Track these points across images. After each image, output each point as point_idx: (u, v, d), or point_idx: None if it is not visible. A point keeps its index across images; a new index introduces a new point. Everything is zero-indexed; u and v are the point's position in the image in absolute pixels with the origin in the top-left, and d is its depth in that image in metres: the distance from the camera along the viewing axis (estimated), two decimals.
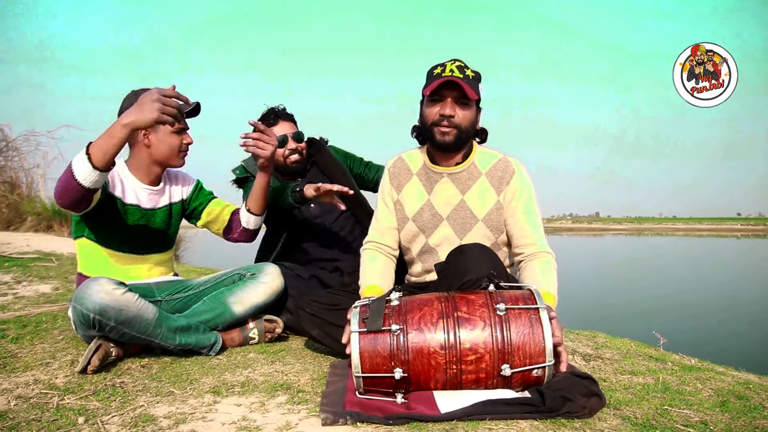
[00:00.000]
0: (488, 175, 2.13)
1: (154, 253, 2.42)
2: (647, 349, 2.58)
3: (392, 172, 2.26)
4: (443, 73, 2.03)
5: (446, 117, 2.04)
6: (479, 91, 2.09)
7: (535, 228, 2.10)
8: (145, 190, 2.35)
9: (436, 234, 2.15)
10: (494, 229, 2.11)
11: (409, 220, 2.19)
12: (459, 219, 2.12)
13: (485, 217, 2.10)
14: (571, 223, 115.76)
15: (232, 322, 2.34)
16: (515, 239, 2.11)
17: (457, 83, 1.99)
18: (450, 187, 2.15)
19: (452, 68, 2.04)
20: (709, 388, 1.92)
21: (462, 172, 2.15)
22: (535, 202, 2.13)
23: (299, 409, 1.62)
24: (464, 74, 2.03)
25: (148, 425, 1.49)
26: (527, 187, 2.13)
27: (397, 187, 2.24)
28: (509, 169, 2.13)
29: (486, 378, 1.62)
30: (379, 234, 2.26)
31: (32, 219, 8.81)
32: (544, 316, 1.62)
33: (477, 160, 2.16)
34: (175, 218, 2.49)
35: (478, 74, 2.10)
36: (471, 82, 2.04)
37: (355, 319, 1.67)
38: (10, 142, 10.00)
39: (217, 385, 1.83)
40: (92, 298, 1.90)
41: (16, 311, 2.91)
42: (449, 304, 1.67)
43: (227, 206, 2.58)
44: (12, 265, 4.60)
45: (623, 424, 1.54)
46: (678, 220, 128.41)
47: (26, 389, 1.77)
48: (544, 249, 2.07)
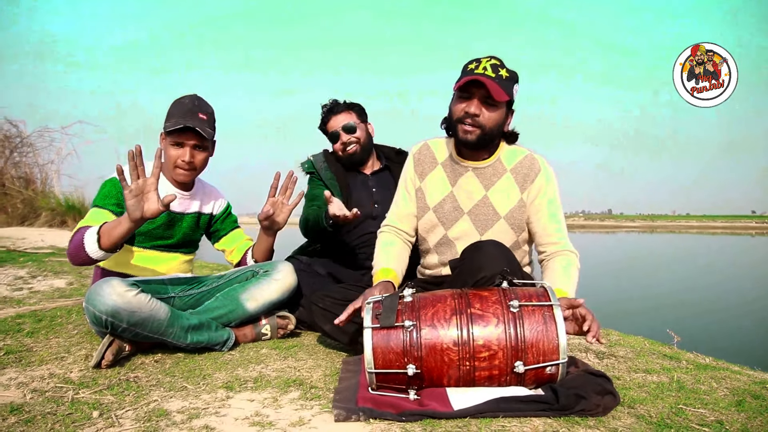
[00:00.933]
0: (513, 172, 2.10)
1: (177, 253, 2.46)
2: (661, 347, 2.57)
3: (417, 159, 2.23)
4: (476, 70, 1.98)
5: (470, 115, 2.00)
6: (512, 92, 2.03)
7: (559, 227, 2.08)
8: (176, 193, 2.36)
9: (456, 227, 2.13)
10: (515, 227, 2.09)
11: (430, 210, 2.16)
12: (481, 215, 2.10)
13: (507, 214, 2.08)
14: (583, 220, 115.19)
15: (245, 319, 2.35)
16: (538, 237, 2.09)
17: (485, 83, 1.94)
18: (474, 181, 2.12)
19: (486, 66, 1.98)
20: (724, 387, 1.90)
21: (487, 168, 2.12)
22: (559, 201, 2.11)
23: (312, 404, 1.63)
24: (497, 74, 1.97)
25: (162, 420, 1.50)
26: (552, 186, 2.10)
27: (420, 174, 2.21)
28: (535, 167, 2.10)
29: (499, 375, 1.61)
30: (398, 219, 2.24)
31: (46, 214, 8.89)
32: (557, 313, 1.61)
33: (503, 156, 2.13)
34: (202, 227, 2.54)
35: (513, 75, 2.03)
36: (503, 82, 1.98)
37: (368, 315, 1.67)
38: (25, 138, 10.10)
39: (230, 381, 1.84)
40: (104, 300, 1.91)
41: (32, 305, 2.94)
42: (462, 301, 1.67)
43: (245, 242, 2.63)
44: (27, 260, 4.65)
45: (637, 422, 1.53)
46: (691, 217, 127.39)
47: (42, 383, 1.78)
48: (567, 248, 2.05)
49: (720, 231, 55.70)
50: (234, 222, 2.64)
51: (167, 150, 2.30)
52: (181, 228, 2.42)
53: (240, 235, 2.64)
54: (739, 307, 8.37)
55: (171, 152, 2.30)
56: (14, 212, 9.05)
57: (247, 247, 2.62)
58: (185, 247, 2.48)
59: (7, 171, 9.72)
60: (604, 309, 6.08)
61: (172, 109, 2.30)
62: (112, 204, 2.21)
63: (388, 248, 2.19)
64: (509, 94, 2.00)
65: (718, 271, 14.82)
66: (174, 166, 2.32)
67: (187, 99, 2.32)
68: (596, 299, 1.75)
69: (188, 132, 2.26)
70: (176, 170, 2.33)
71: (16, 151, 10.02)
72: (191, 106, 2.30)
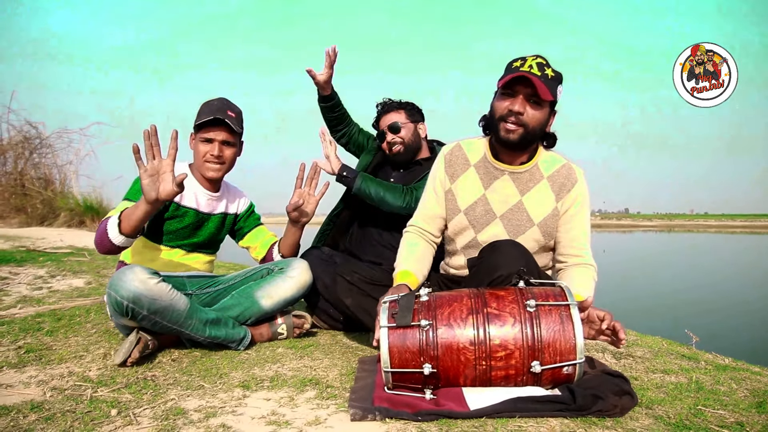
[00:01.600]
0: (550, 180, 2.07)
1: (201, 253, 2.48)
2: (679, 347, 2.54)
3: (448, 160, 2.18)
4: (521, 68, 1.94)
5: (514, 113, 1.95)
6: (557, 92, 1.99)
7: (585, 240, 2.06)
8: (204, 194, 2.42)
9: (487, 231, 2.08)
10: (547, 234, 2.06)
11: (461, 212, 2.12)
12: (514, 220, 2.06)
13: (541, 222, 2.05)
14: (599, 219, 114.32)
15: (261, 317, 2.36)
16: (562, 247, 2.07)
17: (531, 80, 1.92)
18: (509, 185, 2.08)
19: (532, 64, 1.94)
20: (744, 388, 1.88)
21: (524, 173, 2.08)
22: (588, 214, 2.09)
23: (328, 404, 1.63)
24: (543, 72, 1.93)
25: (179, 418, 1.51)
26: (585, 198, 2.07)
27: (451, 176, 2.16)
28: (572, 177, 2.07)
29: (516, 375, 1.61)
30: (424, 220, 2.20)
31: (65, 215, 9.00)
32: (575, 313, 1.60)
33: (541, 162, 2.09)
34: (227, 227, 2.57)
35: (558, 75, 1.99)
36: (549, 81, 1.94)
37: (384, 315, 1.66)
38: (44, 140, 10.23)
39: (246, 380, 1.85)
40: (126, 286, 1.93)
41: (51, 305, 2.97)
42: (479, 300, 1.66)
43: (269, 237, 2.65)
44: (46, 260, 4.71)
45: (656, 423, 1.51)
46: (710, 216, 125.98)
47: (61, 381, 1.80)
48: (588, 261, 2.03)
49: (739, 230, 55.03)
50: (257, 220, 2.66)
51: (197, 147, 2.36)
52: (207, 228, 2.45)
53: (263, 231, 2.66)
54: (759, 307, 8.26)
55: (200, 148, 2.34)
56: (34, 212, 9.17)
57: (271, 243, 2.63)
58: (209, 248, 2.51)
59: (26, 172, 9.85)
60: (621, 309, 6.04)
61: (201, 109, 2.36)
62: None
63: (412, 249, 2.16)
64: (554, 95, 1.97)
65: (737, 270, 14.64)
66: (203, 161, 2.36)
67: (215, 100, 2.39)
68: (613, 298, 1.74)
69: (217, 127, 2.32)
70: (205, 165, 2.36)
71: (35, 153, 10.15)
72: (220, 105, 2.35)
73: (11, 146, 9.89)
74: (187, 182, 2.32)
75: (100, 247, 2.12)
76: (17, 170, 9.80)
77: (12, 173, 9.81)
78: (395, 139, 2.83)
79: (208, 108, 2.34)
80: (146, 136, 2.01)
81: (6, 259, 4.53)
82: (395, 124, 2.83)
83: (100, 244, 2.11)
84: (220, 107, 2.33)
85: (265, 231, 2.67)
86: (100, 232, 2.10)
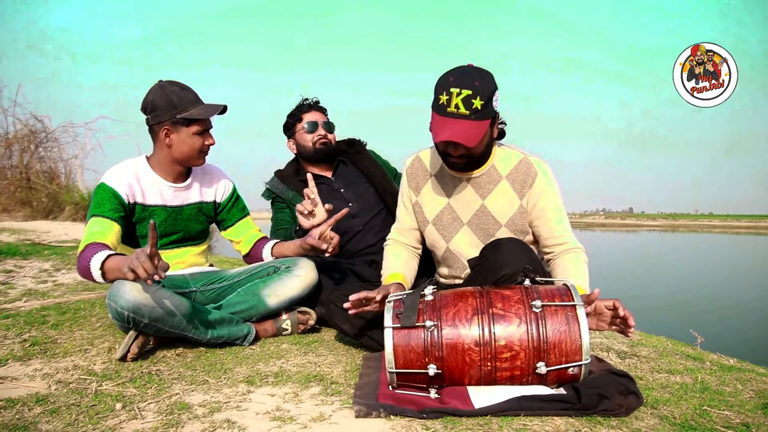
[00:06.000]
0: (509, 179, 2.04)
1: (186, 247, 2.44)
2: (684, 347, 2.53)
3: (410, 173, 2.18)
4: (448, 108, 1.82)
5: (453, 154, 1.93)
6: (491, 110, 1.87)
7: (564, 226, 2.04)
8: (170, 188, 2.35)
9: (456, 239, 2.10)
10: (518, 232, 2.05)
11: (429, 223, 2.14)
12: (481, 225, 2.06)
13: (508, 222, 2.04)
14: (603, 219, 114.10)
15: (266, 314, 2.36)
16: (544, 240, 2.05)
17: (460, 142, 1.82)
18: (469, 191, 2.07)
19: (458, 103, 1.81)
20: (750, 389, 1.87)
21: (482, 176, 2.05)
22: (560, 200, 2.05)
23: (332, 400, 1.63)
24: (471, 108, 1.81)
25: (184, 413, 1.51)
26: (551, 187, 2.03)
27: (415, 189, 2.17)
28: (531, 172, 2.02)
29: (521, 375, 1.60)
30: (400, 233, 2.24)
31: (70, 208, 9.01)
32: (581, 313, 1.59)
33: (497, 162, 2.05)
34: (206, 216, 2.50)
35: (489, 92, 1.84)
36: (480, 113, 1.83)
37: (388, 315, 1.66)
38: (50, 134, 10.24)
39: (250, 375, 1.85)
40: (126, 296, 1.91)
41: (56, 298, 2.98)
42: (484, 300, 1.65)
43: (255, 232, 2.61)
44: (51, 253, 4.72)
45: (661, 423, 1.51)
46: (714, 216, 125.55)
47: (66, 374, 1.81)
48: (574, 245, 2.02)
49: (744, 231, 54.83)
50: (242, 210, 2.59)
51: (187, 140, 2.28)
52: (183, 222, 2.39)
53: (249, 225, 2.60)
54: (763, 308, 8.24)
55: (193, 142, 2.29)
56: (39, 206, 9.18)
57: (256, 239, 2.59)
58: (193, 240, 2.46)
59: (32, 166, 9.86)
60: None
61: (176, 99, 2.25)
62: (108, 210, 2.15)
63: (397, 255, 2.20)
64: (489, 115, 1.87)
65: (742, 271, 14.61)
66: (199, 152, 2.32)
67: (182, 86, 2.30)
68: (618, 297, 1.73)
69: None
70: (200, 156, 2.33)
71: (41, 146, 10.16)
72: (194, 92, 2.31)
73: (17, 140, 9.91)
74: (146, 180, 2.30)
75: (85, 277, 2.05)
76: (23, 164, 9.81)
77: (17, 167, 9.82)
78: (327, 136, 2.91)
79: (186, 98, 2.26)
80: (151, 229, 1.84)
81: (11, 252, 4.54)
82: (330, 124, 2.95)
83: (83, 275, 2.04)
84: (196, 96, 2.29)
85: (250, 224, 2.61)
86: (82, 268, 2.01)
